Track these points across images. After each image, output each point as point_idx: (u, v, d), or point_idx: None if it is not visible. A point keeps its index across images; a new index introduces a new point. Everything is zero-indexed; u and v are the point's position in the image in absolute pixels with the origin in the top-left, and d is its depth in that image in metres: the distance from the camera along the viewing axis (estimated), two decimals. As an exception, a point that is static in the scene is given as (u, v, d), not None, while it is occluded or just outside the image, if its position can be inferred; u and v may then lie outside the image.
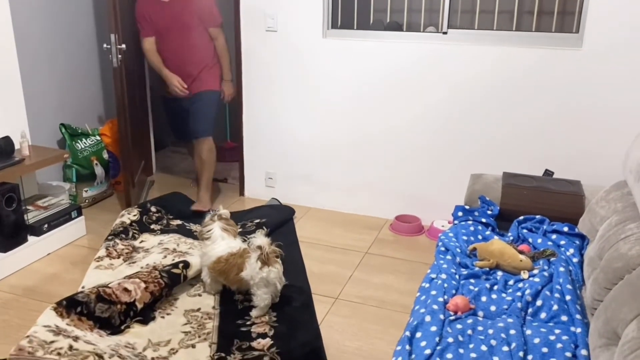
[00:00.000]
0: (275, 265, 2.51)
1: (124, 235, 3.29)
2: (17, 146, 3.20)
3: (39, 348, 1.99)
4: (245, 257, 2.54)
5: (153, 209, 3.63)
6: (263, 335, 2.43)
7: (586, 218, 2.48)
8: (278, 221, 3.61)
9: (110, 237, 3.26)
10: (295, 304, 2.69)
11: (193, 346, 2.35)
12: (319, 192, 3.95)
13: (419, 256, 3.28)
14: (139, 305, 2.51)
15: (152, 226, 3.48)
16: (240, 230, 3.38)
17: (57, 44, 3.86)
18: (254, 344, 2.37)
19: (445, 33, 3.37)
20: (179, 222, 3.59)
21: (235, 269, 2.56)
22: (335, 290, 2.90)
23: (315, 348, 2.34)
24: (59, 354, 2.00)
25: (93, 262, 3.02)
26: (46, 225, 3.20)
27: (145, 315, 2.53)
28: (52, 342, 2.06)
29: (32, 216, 3.22)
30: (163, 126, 5.45)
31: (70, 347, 2.06)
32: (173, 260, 2.98)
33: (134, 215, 3.47)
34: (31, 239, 3.12)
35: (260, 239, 2.52)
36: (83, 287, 2.75)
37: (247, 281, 2.54)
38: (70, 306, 2.31)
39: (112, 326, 2.40)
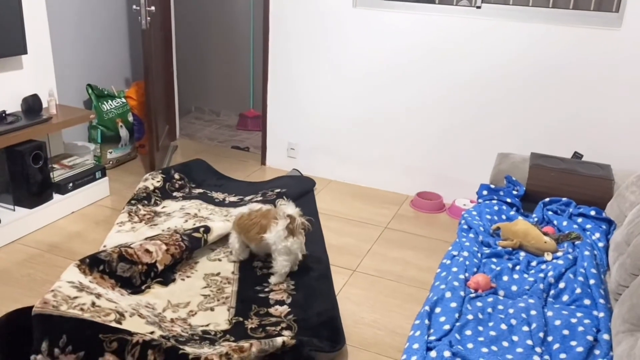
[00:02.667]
0: (299, 236, 2.52)
1: (146, 202, 3.32)
2: (44, 104, 3.23)
3: (63, 302, 2.03)
4: (270, 219, 2.55)
5: (176, 175, 3.64)
6: (281, 303, 2.45)
7: (614, 203, 2.43)
8: (298, 192, 3.61)
9: (133, 202, 3.29)
10: (313, 274, 2.70)
11: (212, 309, 2.39)
12: (341, 165, 3.93)
13: (439, 234, 3.26)
14: (160, 267, 2.55)
15: (175, 193, 3.50)
16: (260, 199, 3.39)
17: (86, 4, 3.85)
18: (272, 310, 2.40)
19: (478, 7, 3.28)
20: (201, 190, 3.61)
21: (257, 228, 2.58)
22: (353, 262, 2.90)
23: (331, 317, 2.35)
24: (82, 309, 2.03)
25: (115, 227, 3.06)
26: (71, 184, 3.25)
27: (165, 276, 2.57)
28: (75, 297, 2.10)
29: (58, 174, 3.26)
30: (187, 92, 5.47)
31: (93, 304, 2.10)
32: (194, 224, 3.01)
33: (158, 182, 3.49)
34: (56, 196, 3.17)
35: (291, 208, 2.53)
36: (105, 247, 2.79)
37: (267, 244, 2.55)
38: (93, 264, 2.35)
39: (132, 286, 2.44)
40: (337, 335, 2.23)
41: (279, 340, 2.02)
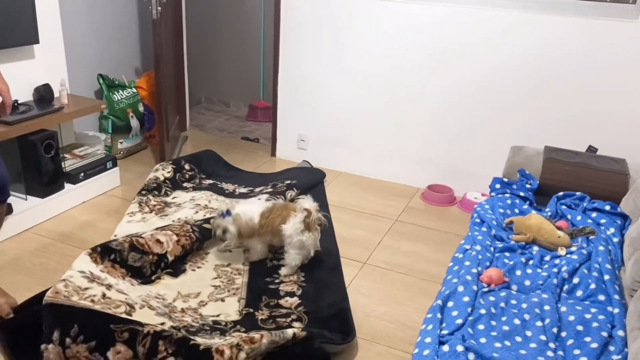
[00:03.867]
0: (315, 232, 2.51)
1: (157, 192, 3.33)
2: (56, 94, 3.23)
3: (74, 293, 2.04)
4: (290, 211, 2.54)
5: (187, 166, 3.64)
6: (291, 294, 2.45)
7: (630, 198, 2.40)
8: (308, 183, 3.60)
9: (143, 192, 3.30)
10: (323, 266, 2.69)
11: (222, 300, 2.39)
12: (351, 157, 3.91)
13: (449, 227, 3.24)
14: (170, 257, 2.55)
15: (185, 184, 3.50)
16: (270, 190, 3.38)
17: (97, -7, 3.85)
18: (282, 302, 2.39)
19: (493, -2, 3.24)
20: (211, 181, 3.61)
21: (279, 219, 2.56)
22: (363, 255, 2.89)
23: (342, 309, 2.35)
24: (92, 300, 2.04)
25: (125, 217, 3.07)
26: (82, 174, 3.25)
27: (175, 267, 2.57)
28: (86, 288, 2.11)
29: (69, 164, 3.27)
30: (197, 82, 5.46)
31: (104, 295, 2.10)
32: (204, 216, 3.00)
33: (168, 172, 3.49)
34: (67, 186, 3.18)
35: (308, 202, 2.52)
36: (115, 236, 2.80)
37: (283, 235, 2.55)
38: (104, 253, 2.36)
39: (143, 276, 2.45)
40: (347, 328, 2.23)
41: (289, 331, 2.01)
